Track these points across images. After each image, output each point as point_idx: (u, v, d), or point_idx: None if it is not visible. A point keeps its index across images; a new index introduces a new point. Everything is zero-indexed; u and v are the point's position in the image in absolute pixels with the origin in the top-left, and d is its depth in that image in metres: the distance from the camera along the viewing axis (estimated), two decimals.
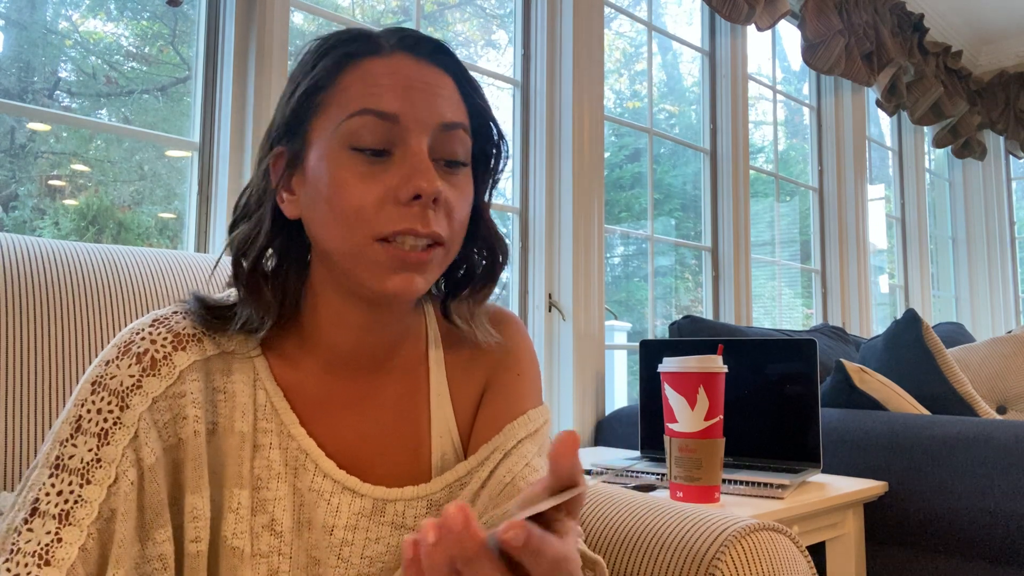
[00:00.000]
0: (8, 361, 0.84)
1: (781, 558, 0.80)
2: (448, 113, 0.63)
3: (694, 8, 2.86)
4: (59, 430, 0.60)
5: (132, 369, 0.61)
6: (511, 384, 0.75)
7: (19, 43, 1.43)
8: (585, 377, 2.05)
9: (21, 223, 1.41)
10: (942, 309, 4.33)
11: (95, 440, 0.59)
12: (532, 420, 0.73)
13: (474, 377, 0.75)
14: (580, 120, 2.09)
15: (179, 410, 0.62)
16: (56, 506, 0.57)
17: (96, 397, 0.60)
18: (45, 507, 0.57)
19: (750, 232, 2.74)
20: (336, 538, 0.66)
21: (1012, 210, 4.39)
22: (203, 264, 1.07)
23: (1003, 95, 4.23)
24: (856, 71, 3.09)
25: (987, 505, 1.39)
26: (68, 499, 0.57)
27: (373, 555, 0.68)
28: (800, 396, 1.53)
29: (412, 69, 0.63)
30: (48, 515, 0.57)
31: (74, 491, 0.58)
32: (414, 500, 0.69)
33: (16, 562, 0.55)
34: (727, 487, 1.35)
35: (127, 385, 0.61)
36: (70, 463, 0.58)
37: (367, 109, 0.61)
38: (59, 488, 0.57)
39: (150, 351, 0.62)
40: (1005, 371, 2.31)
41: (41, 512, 0.57)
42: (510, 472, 0.70)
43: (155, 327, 0.64)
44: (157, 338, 0.63)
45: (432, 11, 2.27)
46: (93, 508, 0.57)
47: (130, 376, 0.61)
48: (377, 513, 0.68)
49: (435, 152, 0.63)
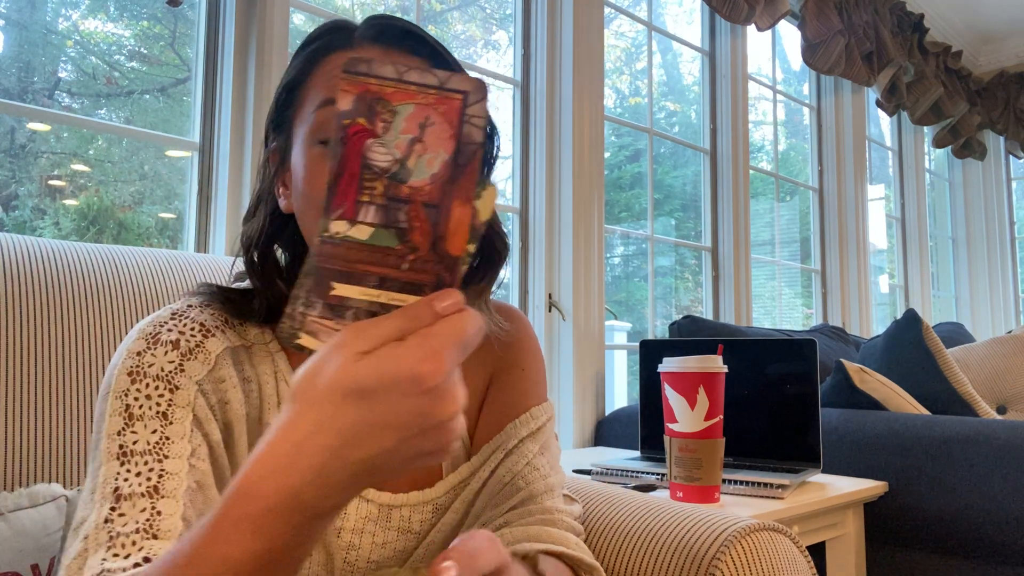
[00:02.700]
0: (8, 361, 0.84)
1: (781, 558, 0.80)
2: None
3: (694, 8, 2.85)
4: (108, 425, 0.57)
5: (170, 355, 0.60)
6: (514, 381, 0.75)
7: (19, 43, 1.43)
8: (585, 377, 2.05)
9: (21, 223, 1.41)
10: (942, 309, 4.33)
11: (156, 422, 0.57)
12: (535, 418, 0.73)
13: (478, 373, 0.74)
14: (580, 120, 2.09)
15: (222, 394, 0.62)
16: (141, 485, 0.54)
17: (140, 385, 0.58)
18: (129, 490, 0.54)
19: (750, 232, 2.74)
20: (343, 540, 0.66)
21: (1012, 210, 4.39)
22: (203, 264, 1.07)
23: (1003, 95, 4.23)
24: (856, 71, 3.09)
25: (987, 505, 1.39)
26: (151, 477, 0.54)
27: (379, 559, 0.68)
28: (800, 396, 1.53)
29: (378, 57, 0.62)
30: (136, 495, 0.54)
31: (153, 468, 0.55)
32: (420, 505, 0.69)
33: (121, 544, 0.51)
34: (727, 487, 1.35)
35: (169, 370, 0.59)
36: (137, 447, 0.56)
37: (330, 99, 0.61)
38: (137, 470, 0.55)
39: (181, 340, 0.61)
40: (1005, 371, 2.31)
41: (126, 495, 0.54)
42: (510, 472, 0.70)
43: (178, 319, 0.63)
44: (185, 329, 0.62)
45: (432, 11, 2.27)
46: (181, 479, 0.55)
47: (169, 362, 0.60)
48: (383, 518, 0.68)
49: None
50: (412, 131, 0.38)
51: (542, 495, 0.69)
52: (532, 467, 0.70)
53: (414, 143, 0.38)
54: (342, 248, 0.39)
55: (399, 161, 0.38)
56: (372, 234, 0.39)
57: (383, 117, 0.38)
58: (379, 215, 0.39)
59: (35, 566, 0.77)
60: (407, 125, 0.38)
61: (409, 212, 0.39)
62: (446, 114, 0.38)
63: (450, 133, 0.39)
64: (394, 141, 0.38)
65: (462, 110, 0.38)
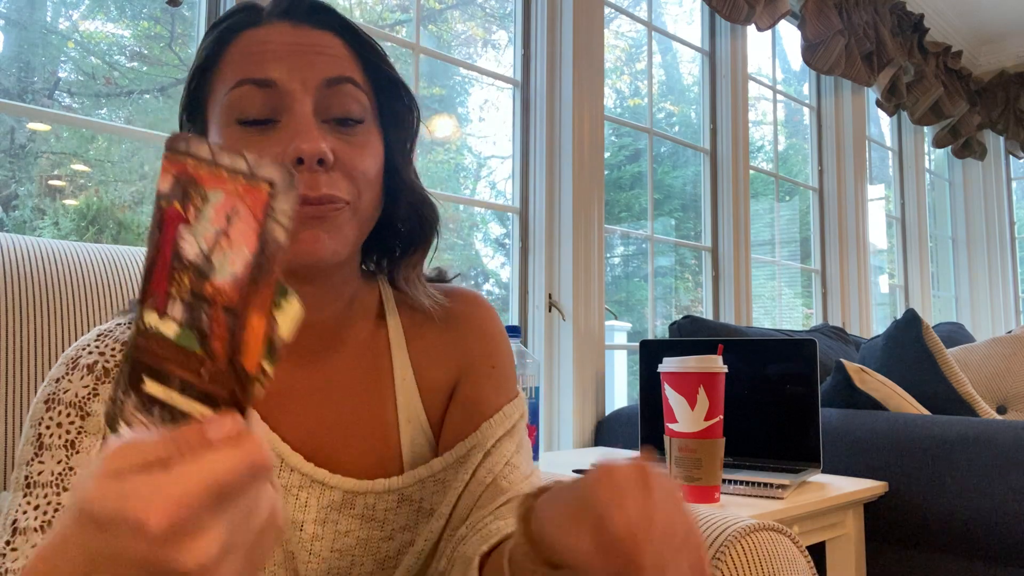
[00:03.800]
0: (8, 361, 0.84)
1: (781, 558, 0.80)
2: (330, 69, 0.61)
3: (694, 8, 2.85)
4: (21, 454, 0.58)
5: (85, 380, 0.59)
6: (485, 377, 0.73)
7: (19, 43, 1.43)
8: (585, 377, 2.05)
9: (21, 223, 1.41)
10: (942, 309, 4.33)
11: (63, 452, 0.57)
12: (508, 416, 0.72)
13: (443, 364, 0.73)
14: (580, 120, 2.09)
15: None
16: (36, 520, 0.54)
17: (53, 412, 0.58)
18: (25, 524, 0.54)
19: (750, 232, 2.74)
20: (306, 533, 0.65)
21: (1012, 210, 4.39)
22: None
23: (1003, 95, 4.23)
24: (856, 71, 3.09)
25: (987, 505, 1.39)
26: (47, 511, 0.55)
27: (343, 548, 0.67)
28: (800, 396, 1.53)
29: (288, 34, 0.61)
30: (29, 530, 0.54)
31: (51, 501, 0.55)
32: (385, 493, 0.68)
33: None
34: (727, 487, 1.35)
35: (82, 396, 0.59)
36: (40, 478, 0.56)
37: (244, 79, 0.60)
38: (35, 503, 0.55)
39: (99, 362, 0.60)
40: (1005, 371, 2.31)
41: (22, 530, 0.54)
42: (491, 472, 0.69)
43: (101, 340, 0.62)
44: (105, 350, 0.61)
45: (432, 10, 2.27)
46: None
47: (84, 387, 0.59)
48: (347, 506, 0.67)
49: (324, 113, 0.61)
50: (219, 222, 0.34)
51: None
52: (512, 466, 0.70)
53: (219, 236, 0.34)
54: (152, 342, 0.35)
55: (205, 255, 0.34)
56: (178, 333, 0.35)
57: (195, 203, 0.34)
58: (184, 313, 0.35)
59: None
60: (215, 214, 0.34)
61: (211, 314, 0.34)
62: (252, 206, 0.34)
63: (254, 228, 0.34)
64: (203, 232, 0.34)
65: (267, 203, 0.34)
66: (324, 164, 0.58)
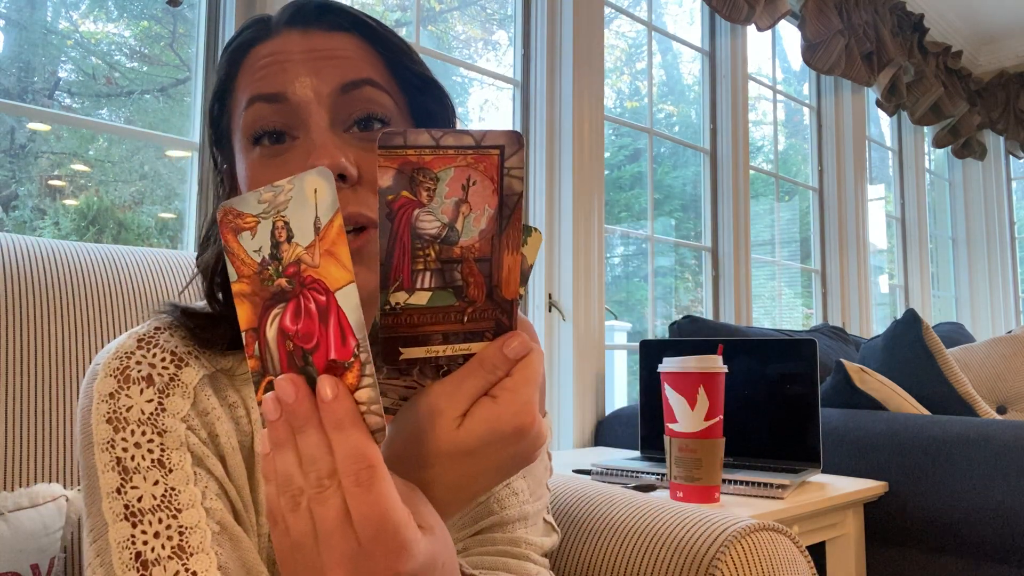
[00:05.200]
0: (8, 361, 0.84)
1: (781, 558, 0.80)
2: (344, 74, 0.56)
3: (694, 8, 2.86)
4: (103, 482, 0.52)
5: (147, 394, 0.54)
6: None
7: (19, 43, 1.43)
8: (585, 377, 2.05)
9: (21, 223, 1.41)
10: (942, 309, 4.33)
11: (156, 472, 0.52)
12: None
13: None
14: (580, 120, 2.09)
15: (210, 428, 0.56)
16: (165, 548, 0.49)
17: (125, 433, 0.53)
18: (154, 555, 0.49)
19: (750, 232, 2.74)
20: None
21: (1012, 210, 4.39)
22: None
23: (1003, 95, 4.23)
24: (856, 71, 3.10)
25: (987, 505, 1.39)
26: (172, 536, 0.50)
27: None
28: (800, 396, 1.53)
29: (297, 42, 0.57)
30: (163, 559, 0.49)
31: (171, 526, 0.50)
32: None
33: None
34: (727, 487, 1.35)
35: (150, 412, 0.54)
36: (143, 504, 0.51)
37: (254, 96, 0.56)
38: (154, 530, 0.50)
39: (153, 374, 0.55)
40: (1005, 371, 2.31)
41: (152, 561, 0.49)
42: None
43: (144, 348, 0.56)
44: (156, 360, 0.56)
45: (432, 11, 2.27)
46: (203, 529, 0.51)
47: (148, 402, 0.54)
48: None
49: (344, 121, 0.56)
50: (456, 193, 0.39)
51: (514, 523, 0.65)
52: (512, 490, 0.66)
53: (459, 205, 0.39)
54: (404, 316, 0.40)
55: (447, 225, 0.39)
56: (431, 298, 0.40)
57: (426, 186, 0.39)
58: (435, 279, 0.40)
59: (35, 566, 0.77)
60: (451, 189, 0.39)
61: (463, 270, 0.40)
62: (486, 171, 0.39)
63: (492, 189, 0.39)
64: (440, 207, 0.39)
65: (501, 164, 0.39)
66: (347, 180, 0.53)
